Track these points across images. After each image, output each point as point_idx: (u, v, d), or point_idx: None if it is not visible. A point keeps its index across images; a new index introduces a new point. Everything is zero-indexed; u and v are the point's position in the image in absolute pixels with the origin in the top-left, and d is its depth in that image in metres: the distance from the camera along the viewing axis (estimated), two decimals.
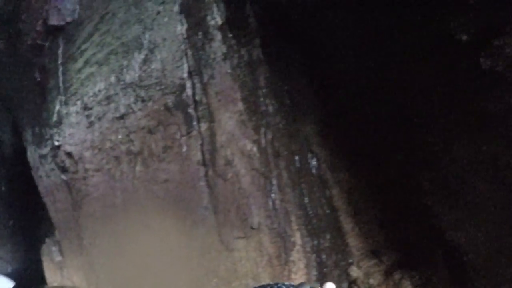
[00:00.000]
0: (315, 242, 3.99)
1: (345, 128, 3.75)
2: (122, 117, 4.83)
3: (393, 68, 3.21)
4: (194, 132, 4.35)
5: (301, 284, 1.45)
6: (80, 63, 5.29)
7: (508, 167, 2.75)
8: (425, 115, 3.01)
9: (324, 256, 3.99)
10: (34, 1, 5.81)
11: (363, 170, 3.70)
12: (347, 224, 3.84)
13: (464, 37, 2.68)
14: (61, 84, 5.47)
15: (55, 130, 5.54)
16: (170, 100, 4.50)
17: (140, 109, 4.70)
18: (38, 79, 5.90)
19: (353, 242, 3.88)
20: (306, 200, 3.99)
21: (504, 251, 2.77)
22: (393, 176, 3.39)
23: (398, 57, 3.16)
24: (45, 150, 5.97)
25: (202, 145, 4.31)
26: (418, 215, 3.32)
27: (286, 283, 1.50)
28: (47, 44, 5.69)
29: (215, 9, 4.41)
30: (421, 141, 3.08)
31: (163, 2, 4.70)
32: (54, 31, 5.58)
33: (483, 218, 2.90)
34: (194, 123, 4.36)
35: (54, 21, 5.50)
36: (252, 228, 4.06)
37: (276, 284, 1.50)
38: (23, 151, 6.84)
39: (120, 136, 4.83)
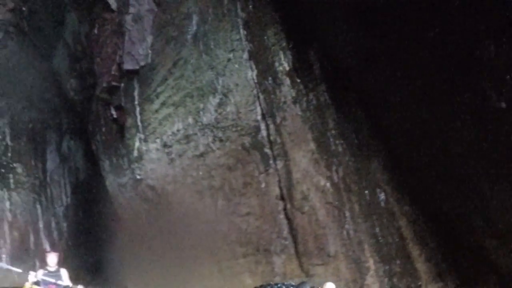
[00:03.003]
0: (387, 267, 4.44)
1: (408, 166, 4.19)
2: (201, 155, 5.36)
3: (439, 121, 3.62)
4: (271, 170, 4.84)
5: (302, 283, 1.64)
6: (156, 104, 5.82)
7: None
8: (473, 167, 3.44)
9: (395, 280, 4.45)
10: (107, 46, 6.36)
11: (426, 203, 4.14)
12: (414, 251, 4.29)
13: (503, 105, 3.08)
14: (139, 123, 6.03)
15: (136, 164, 6.12)
16: (246, 140, 4.99)
17: (218, 148, 5.22)
18: (115, 116, 6.47)
19: (421, 267, 4.31)
20: (377, 230, 4.44)
21: None
22: (451, 214, 3.84)
23: (440, 114, 3.58)
24: (125, 180, 6.56)
25: (279, 181, 4.80)
26: (473, 247, 3.76)
27: (286, 282, 1.67)
28: (122, 85, 6.25)
29: (281, 55, 4.87)
30: (472, 188, 3.50)
31: (232, 50, 5.18)
32: (129, 74, 6.13)
33: None
34: (271, 161, 4.85)
35: (128, 65, 6.04)
36: (329, 256, 4.55)
37: (276, 284, 1.67)
38: (99, 178, 7.46)
39: (201, 173, 5.36)
